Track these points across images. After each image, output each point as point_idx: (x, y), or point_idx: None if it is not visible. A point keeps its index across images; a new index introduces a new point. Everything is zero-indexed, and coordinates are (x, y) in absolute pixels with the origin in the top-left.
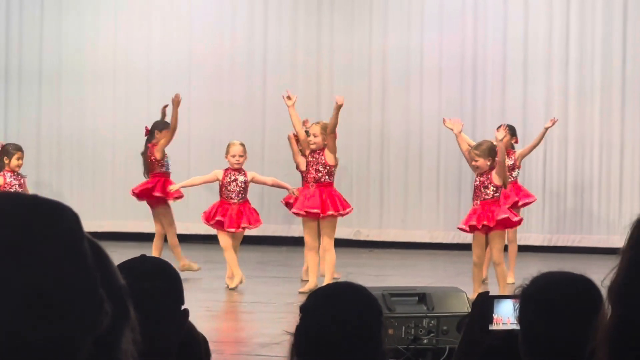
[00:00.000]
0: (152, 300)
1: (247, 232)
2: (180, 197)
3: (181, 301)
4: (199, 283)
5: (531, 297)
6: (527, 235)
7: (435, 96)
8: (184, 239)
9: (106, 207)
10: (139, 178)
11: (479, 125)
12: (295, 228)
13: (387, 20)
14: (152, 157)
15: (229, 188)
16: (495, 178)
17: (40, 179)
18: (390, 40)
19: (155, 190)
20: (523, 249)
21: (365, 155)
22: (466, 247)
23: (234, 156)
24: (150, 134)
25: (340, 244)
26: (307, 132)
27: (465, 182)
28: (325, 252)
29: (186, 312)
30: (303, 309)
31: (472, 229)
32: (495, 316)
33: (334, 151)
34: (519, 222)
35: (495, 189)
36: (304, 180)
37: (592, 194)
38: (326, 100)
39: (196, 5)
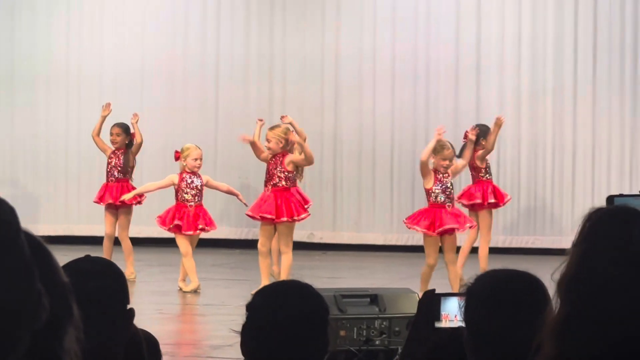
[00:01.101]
0: (98, 299)
1: (202, 235)
2: (139, 202)
3: (127, 301)
4: (152, 285)
5: (476, 294)
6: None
7: (388, 99)
8: (136, 242)
9: (58, 212)
10: (91, 184)
11: (431, 128)
12: (249, 231)
13: (339, 23)
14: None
15: (185, 191)
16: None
17: None
18: (343, 44)
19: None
20: (476, 250)
21: (318, 158)
22: (420, 249)
23: (195, 159)
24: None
25: (293, 246)
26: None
27: (419, 185)
28: (282, 255)
29: (132, 311)
30: (249, 307)
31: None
32: (443, 313)
33: None
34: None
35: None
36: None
37: (545, 195)
38: (278, 103)
39: (149, 11)
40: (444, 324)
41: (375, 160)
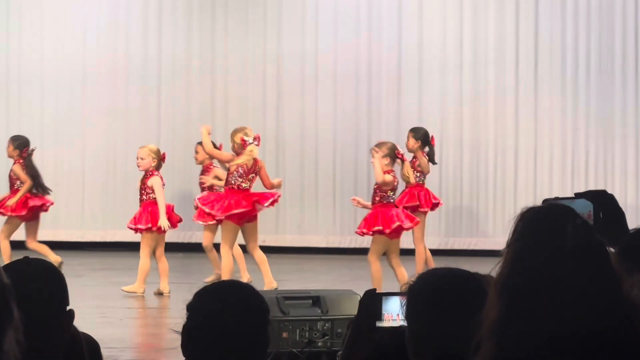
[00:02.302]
0: (37, 301)
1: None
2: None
3: (66, 302)
4: (93, 290)
5: (417, 293)
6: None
7: (330, 101)
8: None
9: None
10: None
11: (374, 130)
12: (192, 234)
13: (281, 25)
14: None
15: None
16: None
17: None
18: (285, 46)
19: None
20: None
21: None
22: (363, 251)
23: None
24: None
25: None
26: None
27: (362, 187)
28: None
29: (71, 313)
30: (189, 307)
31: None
32: (385, 313)
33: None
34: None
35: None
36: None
37: (487, 197)
38: (221, 105)
39: (89, 12)
40: (385, 323)
41: (318, 162)
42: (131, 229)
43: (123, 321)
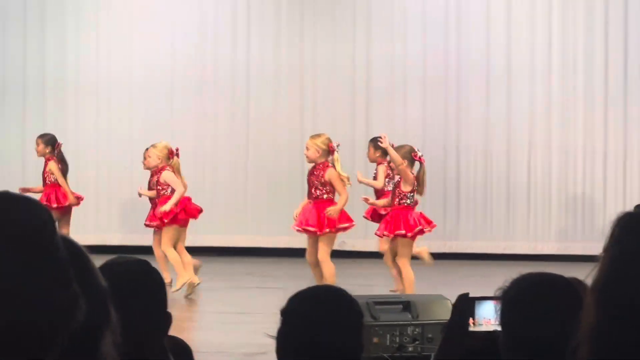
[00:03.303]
0: (137, 301)
1: (232, 244)
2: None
3: (165, 304)
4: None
5: (512, 298)
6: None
7: (419, 106)
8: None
9: (88, 221)
10: (122, 192)
11: (463, 135)
12: (291, 239)
13: (369, 30)
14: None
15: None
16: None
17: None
18: (374, 51)
19: None
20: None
21: (349, 166)
22: (448, 256)
23: None
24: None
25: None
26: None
27: (451, 190)
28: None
29: (169, 315)
30: (284, 312)
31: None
32: (477, 317)
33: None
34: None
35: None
36: None
37: (576, 201)
38: (309, 111)
39: (178, 18)
40: (478, 327)
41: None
42: (151, 226)
43: (211, 325)
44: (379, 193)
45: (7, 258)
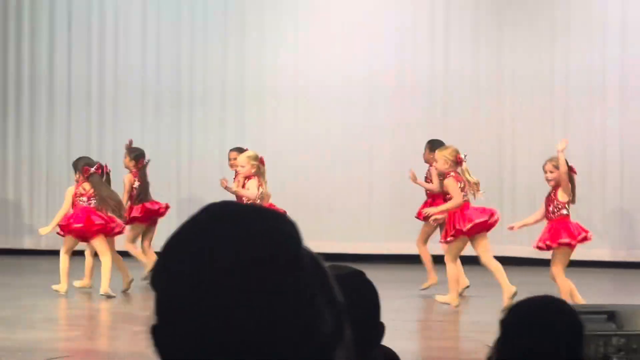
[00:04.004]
0: (359, 312)
1: None
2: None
3: (379, 314)
4: None
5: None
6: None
7: (616, 115)
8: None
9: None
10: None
11: None
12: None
13: (568, 38)
14: None
15: None
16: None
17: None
18: (572, 59)
19: None
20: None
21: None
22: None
23: None
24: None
25: None
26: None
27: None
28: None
29: (383, 325)
30: (503, 323)
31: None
32: None
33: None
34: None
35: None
36: None
37: None
38: (508, 118)
39: (375, 27)
40: None
41: (606, 178)
42: None
43: (410, 334)
44: (433, 195)
45: (259, 277)
